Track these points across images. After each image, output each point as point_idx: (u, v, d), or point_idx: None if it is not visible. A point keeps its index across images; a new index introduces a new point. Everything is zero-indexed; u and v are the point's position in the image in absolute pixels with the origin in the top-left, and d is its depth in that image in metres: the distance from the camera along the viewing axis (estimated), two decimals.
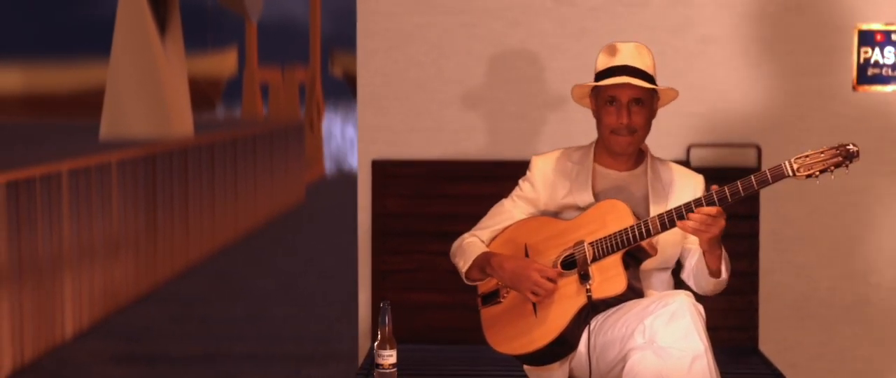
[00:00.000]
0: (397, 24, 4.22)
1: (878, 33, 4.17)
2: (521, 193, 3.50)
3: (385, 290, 4.18)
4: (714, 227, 3.17)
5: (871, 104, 4.20)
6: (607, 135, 3.36)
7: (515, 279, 3.33)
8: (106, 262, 7.46)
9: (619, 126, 3.33)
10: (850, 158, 3.16)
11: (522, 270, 3.32)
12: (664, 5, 4.18)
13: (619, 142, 3.36)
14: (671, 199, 3.39)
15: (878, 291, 4.24)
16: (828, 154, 3.16)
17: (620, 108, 3.32)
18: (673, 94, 3.40)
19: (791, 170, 3.15)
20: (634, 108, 3.34)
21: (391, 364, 3.34)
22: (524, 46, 4.20)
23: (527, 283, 3.30)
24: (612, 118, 3.34)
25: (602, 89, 3.35)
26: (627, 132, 3.34)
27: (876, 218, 4.22)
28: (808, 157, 3.16)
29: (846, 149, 3.15)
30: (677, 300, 3.15)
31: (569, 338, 3.33)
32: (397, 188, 4.20)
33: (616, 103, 3.33)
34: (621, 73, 3.32)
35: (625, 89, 3.32)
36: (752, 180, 3.18)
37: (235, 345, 6.70)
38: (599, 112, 3.38)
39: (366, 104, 4.25)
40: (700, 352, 3.12)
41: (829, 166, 3.16)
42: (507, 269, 3.35)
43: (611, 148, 3.38)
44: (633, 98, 3.33)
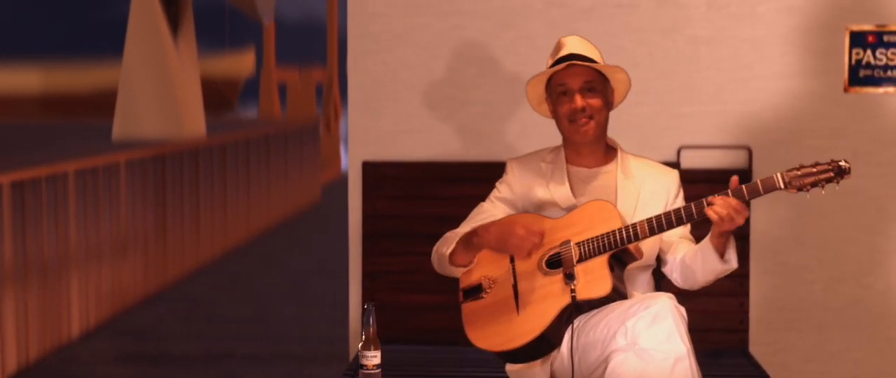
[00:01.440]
0: (388, 26, 4.22)
1: (869, 35, 4.15)
2: (498, 195, 3.51)
3: (375, 291, 4.19)
4: (738, 218, 3.15)
5: (863, 105, 4.18)
6: (567, 126, 3.38)
7: (501, 238, 3.30)
8: (114, 261, 7.50)
9: (575, 111, 3.34)
10: (841, 174, 3.17)
11: (507, 227, 3.29)
12: (654, 6, 4.17)
13: (579, 129, 3.36)
14: (642, 196, 3.40)
15: (870, 293, 4.22)
16: (819, 169, 3.17)
17: (573, 95, 3.33)
18: (623, 77, 3.40)
19: (782, 183, 3.16)
20: (587, 93, 3.34)
21: (375, 365, 3.35)
22: (515, 48, 4.21)
23: (513, 239, 3.26)
24: (566, 107, 3.35)
25: (554, 83, 3.38)
26: (585, 117, 3.34)
27: (868, 219, 4.20)
28: (799, 171, 3.17)
29: (838, 165, 3.16)
30: (659, 302, 3.15)
31: (550, 337, 3.33)
32: (388, 189, 4.22)
33: (568, 92, 3.33)
34: (565, 62, 3.35)
35: (573, 75, 3.34)
36: (744, 191, 3.18)
37: (240, 345, 6.73)
38: (555, 107, 3.40)
39: (356, 105, 4.26)
40: (682, 354, 3.12)
41: (820, 181, 3.16)
42: (492, 232, 3.32)
43: (572, 138, 3.39)
44: (584, 83, 3.35)
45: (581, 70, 3.35)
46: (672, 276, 3.40)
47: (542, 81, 3.43)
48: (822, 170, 3.16)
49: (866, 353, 4.24)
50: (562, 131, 3.43)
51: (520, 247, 3.27)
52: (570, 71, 3.35)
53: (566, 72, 3.36)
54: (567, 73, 3.35)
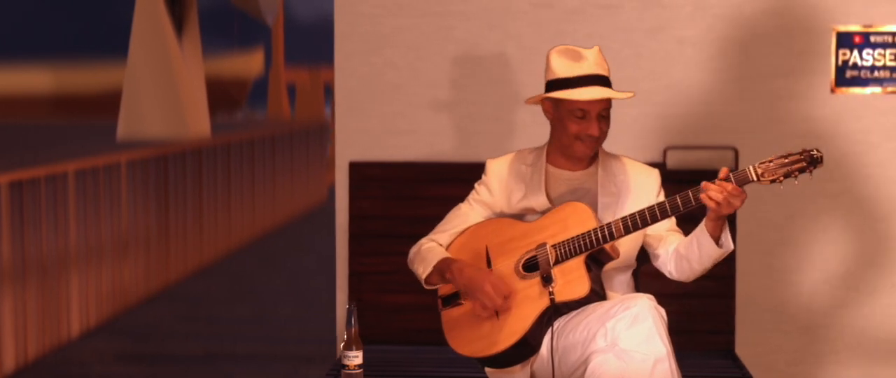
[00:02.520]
0: (374, 27, 4.23)
1: (856, 35, 4.14)
2: (477, 197, 3.51)
3: (362, 292, 4.20)
4: (737, 201, 3.12)
5: (850, 106, 4.17)
6: (571, 142, 3.34)
7: (470, 288, 3.33)
8: (115, 261, 7.53)
9: (588, 137, 3.32)
10: (813, 164, 3.14)
11: (478, 282, 3.31)
12: (640, 7, 4.17)
13: (585, 149, 3.35)
14: (624, 196, 3.39)
15: (856, 295, 4.21)
16: (791, 159, 3.14)
17: (591, 120, 3.31)
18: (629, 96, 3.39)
19: (755, 175, 3.14)
20: (602, 120, 3.33)
21: (357, 365, 3.35)
22: (500, 49, 4.21)
23: (479, 294, 3.31)
24: (580, 127, 3.32)
25: (570, 100, 3.31)
26: (594, 142, 3.34)
27: (855, 221, 4.19)
28: (771, 162, 3.15)
29: (810, 154, 3.14)
30: (639, 303, 3.15)
31: (531, 340, 3.33)
32: (374, 190, 4.22)
33: (586, 115, 3.31)
34: (590, 83, 3.29)
35: (597, 103, 3.30)
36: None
37: (238, 345, 6.75)
38: (564, 119, 3.35)
39: (343, 106, 4.27)
40: (662, 355, 3.11)
41: (793, 171, 3.14)
42: (466, 275, 3.35)
43: (573, 154, 3.37)
44: (603, 109, 3.33)
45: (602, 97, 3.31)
46: (666, 269, 3.38)
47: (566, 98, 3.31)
48: (794, 159, 3.13)
49: (852, 356, 4.23)
50: (560, 139, 3.38)
51: (484, 304, 3.30)
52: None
53: None
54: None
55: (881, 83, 4.15)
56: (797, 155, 3.14)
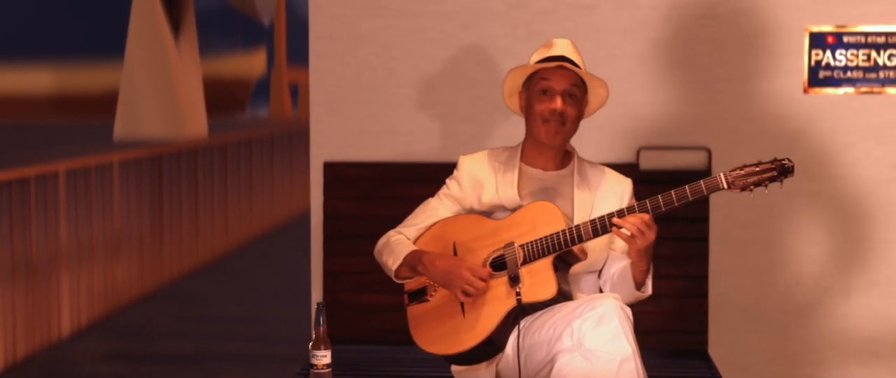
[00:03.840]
0: (349, 27, 4.24)
1: (828, 36, 4.14)
2: (448, 192, 3.51)
3: (336, 292, 4.22)
4: (648, 234, 3.16)
5: (823, 107, 4.17)
6: (538, 124, 3.35)
7: (447, 278, 3.32)
8: (107, 261, 7.56)
9: (552, 113, 3.32)
10: (785, 174, 3.16)
11: (455, 269, 3.31)
12: (614, 7, 4.17)
13: (549, 131, 3.34)
14: (597, 202, 3.39)
15: (830, 295, 4.21)
16: (762, 168, 3.16)
17: (554, 96, 3.32)
18: (603, 93, 3.39)
19: (726, 183, 3.16)
20: (568, 98, 3.33)
21: (325, 364, 3.36)
22: (475, 49, 4.22)
23: (459, 281, 3.29)
24: (544, 106, 3.33)
25: (535, 80, 3.35)
26: (559, 121, 3.33)
27: (828, 221, 4.19)
28: (742, 170, 3.16)
29: (781, 164, 3.15)
30: (605, 303, 3.15)
31: (497, 340, 3.34)
32: (348, 190, 4.23)
33: (550, 91, 3.32)
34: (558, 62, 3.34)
35: (560, 77, 3.32)
36: (687, 191, 3.18)
37: (229, 344, 6.77)
38: (531, 101, 3.36)
39: (318, 106, 4.28)
40: (628, 355, 3.11)
41: (764, 181, 3.15)
42: (440, 267, 3.34)
43: (539, 138, 3.36)
44: (569, 86, 3.33)
45: (568, 73, 3.33)
46: (604, 289, 3.41)
47: (524, 73, 3.40)
48: (765, 169, 3.15)
49: (826, 356, 4.23)
50: (530, 128, 3.40)
51: (466, 291, 3.29)
52: (558, 71, 3.34)
53: (553, 70, 3.34)
54: (554, 72, 3.33)
55: (854, 83, 4.15)
56: (768, 164, 3.15)
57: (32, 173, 6.53)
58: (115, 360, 6.41)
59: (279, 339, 6.88)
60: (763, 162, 3.15)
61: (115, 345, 6.78)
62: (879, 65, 4.14)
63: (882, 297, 4.20)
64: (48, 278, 6.69)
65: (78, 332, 7.03)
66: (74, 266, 7.06)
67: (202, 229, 9.59)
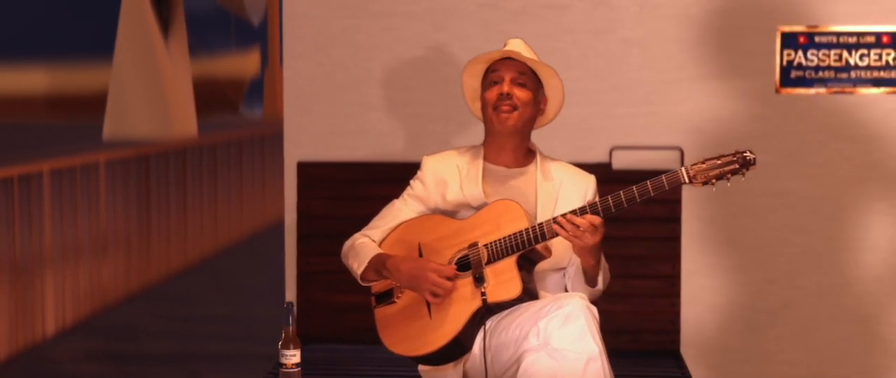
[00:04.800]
0: (323, 27, 4.25)
1: (800, 36, 4.14)
2: (412, 193, 3.52)
3: (310, 291, 4.23)
4: (587, 236, 3.16)
5: (795, 106, 4.17)
6: (491, 114, 3.37)
7: (413, 280, 3.33)
8: (93, 261, 7.56)
9: (501, 97, 3.34)
10: (746, 166, 3.15)
11: (420, 271, 3.32)
12: (586, 8, 4.18)
13: (501, 117, 3.35)
14: (560, 199, 3.40)
15: (802, 295, 4.22)
16: (723, 161, 3.15)
17: (502, 85, 3.34)
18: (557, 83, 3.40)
19: (687, 177, 3.16)
20: (516, 84, 3.35)
21: (295, 364, 3.37)
22: (448, 49, 4.22)
23: (425, 283, 3.30)
24: (493, 92, 3.36)
25: (488, 75, 3.39)
26: (509, 105, 3.34)
27: (800, 220, 4.20)
28: (703, 164, 3.16)
29: (743, 156, 3.15)
30: (571, 302, 3.15)
31: (463, 340, 3.34)
32: (322, 190, 4.24)
33: (499, 80, 3.36)
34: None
35: (507, 66, 3.35)
36: (649, 186, 3.18)
37: (212, 344, 6.78)
38: (485, 95, 3.40)
39: (292, 106, 4.29)
40: (595, 354, 3.12)
41: (726, 174, 3.15)
42: (404, 270, 3.35)
43: (493, 127, 3.38)
44: (517, 74, 3.36)
45: (515, 62, 3.36)
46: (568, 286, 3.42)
47: (478, 73, 3.44)
48: (726, 161, 3.15)
49: (799, 355, 4.24)
50: (486, 121, 3.42)
51: (432, 291, 3.29)
52: (505, 61, 3.37)
53: (501, 61, 3.38)
54: (502, 62, 3.38)
55: (825, 83, 4.16)
56: (729, 156, 3.15)
57: (16, 173, 6.54)
58: (98, 359, 6.42)
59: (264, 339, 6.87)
60: (724, 155, 3.14)
61: (100, 344, 6.79)
62: (851, 65, 4.14)
63: (854, 296, 4.20)
64: (32, 278, 6.70)
65: (62, 332, 7.03)
66: (59, 266, 7.06)
67: (191, 229, 9.60)
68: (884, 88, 4.15)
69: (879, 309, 4.20)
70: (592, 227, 3.16)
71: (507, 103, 3.35)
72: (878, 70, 4.14)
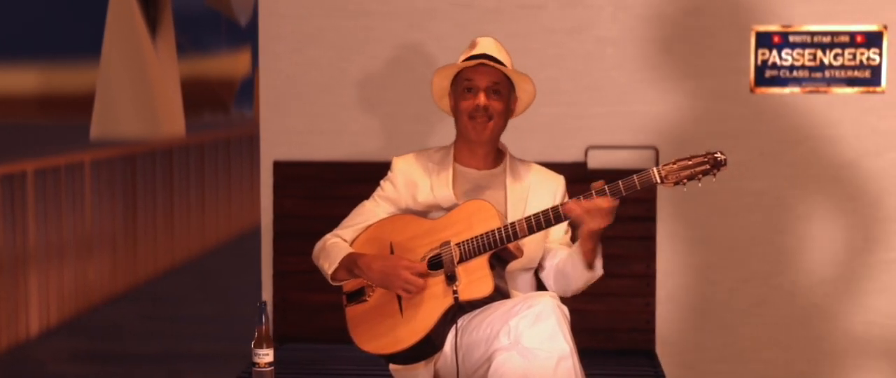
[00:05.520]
0: (299, 27, 4.26)
1: (775, 35, 4.15)
2: (382, 194, 3.52)
3: (285, 290, 4.23)
4: (605, 217, 3.14)
5: (769, 106, 4.18)
6: (465, 122, 3.37)
7: (385, 278, 3.33)
8: (78, 261, 7.56)
9: (477, 109, 3.33)
10: (717, 166, 3.15)
11: (392, 269, 3.32)
12: (561, 7, 4.18)
13: (477, 127, 3.35)
14: (530, 200, 3.40)
15: (777, 293, 4.22)
16: (694, 162, 3.15)
17: (477, 93, 3.34)
18: (530, 87, 3.40)
19: (659, 177, 3.16)
20: (492, 94, 3.35)
21: (267, 363, 3.37)
22: (423, 49, 4.23)
23: (397, 281, 3.30)
24: (469, 103, 3.35)
25: (460, 78, 3.37)
26: (485, 117, 3.34)
27: (774, 219, 4.21)
28: (675, 164, 3.16)
29: (714, 157, 3.15)
30: (542, 301, 3.15)
31: (434, 338, 3.34)
32: (298, 189, 4.25)
33: (474, 89, 3.34)
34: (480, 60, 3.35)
35: (482, 74, 3.34)
36: (621, 186, 3.18)
37: (196, 344, 6.78)
38: (457, 100, 3.39)
39: (268, 105, 4.29)
40: (566, 353, 3.12)
41: (697, 174, 3.15)
42: (376, 268, 3.35)
43: (467, 135, 3.38)
44: (492, 83, 3.34)
45: (490, 70, 3.35)
46: (547, 283, 3.41)
47: (449, 75, 3.42)
48: (697, 162, 3.14)
49: (773, 354, 4.24)
50: (458, 127, 3.42)
51: (404, 288, 3.29)
52: (480, 69, 3.35)
53: (476, 69, 3.36)
54: (476, 70, 3.36)
55: (800, 83, 4.16)
56: (701, 157, 3.15)
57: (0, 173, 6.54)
58: (81, 359, 6.42)
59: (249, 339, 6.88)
60: (696, 155, 3.14)
61: (84, 344, 6.78)
62: (825, 64, 4.15)
63: (828, 295, 4.21)
64: (16, 278, 6.70)
65: (47, 332, 7.03)
66: (43, 266, 7.06)
67: (178, 229, 9.60)
68: (857, 88, 4.16)
69: (852, 307, 4.21)
70: (607, 208, 3.14)
71: (484, 115, 3.35)
72: (852, 69, 4.14)
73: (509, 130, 3.46)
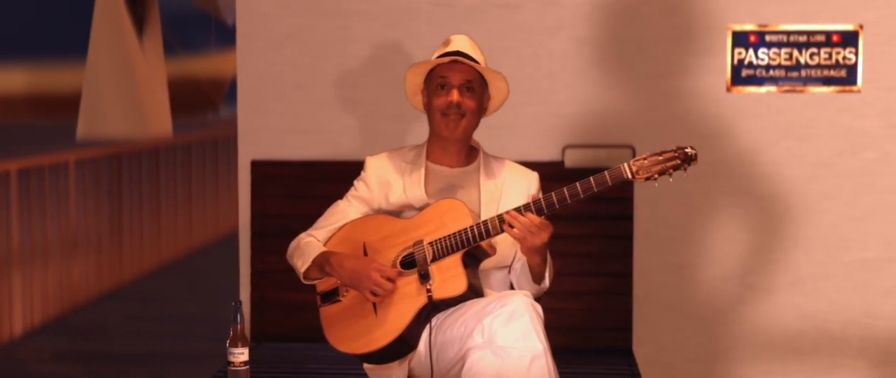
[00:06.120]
0: (276, 26, 4.26)
1: (751, 34, 4.16)
2: (356, 193, 3.52)
3: (264, 289, 4.23)
4: (538, 235, 3.17)
5: (746, 105, 4.19)
6: (438, 120, 3.37)
7: (355, 279, 3.34)
8: (62, 260, 7.55)
9: (450, 106, 3.34)
10: (688, 161, 3.16)
11: (362, 270, 3.32)
12: (539, 6, 4.19)
13: (449, 125, 3.36)
14: (504, 197, 3.41)
15: (754, 292, 4.23)
16: (665, 157, 3.16)
17: (451, 90, 3.34)
18: (503, 86, 3.40)
19: (630, 172, 3.16)
20: (465, 92, 3.35)
21: (242, 362, 3.37)
22: (401, 48, 4.23)
23: (367, 282, 3.31)
24: (442, 100, 3.35)
25: (434, 76, 3.38)
26: (458, 114, 3.35)
27: (751, 218, 4.22)
28: (646, 159, 3.16)
29: (684, 152, 3.16)
30: (516, 300, 3.16)
31: (409, 337, 3.35)
32: (276, 188, 4.25)
33: (447, 86, 3.34)
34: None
35: (456, 72, 3.34)
36: (592, 182, 3.18)
37: (179, 343, 6.78)
38: (430, 98, 3.39)
39: (246, 105, 4.30)
40: (539, 352, 3.12)
41: (668, 169, 3.16)
42: (347, 268, 3.36)
43: (440, 132, 3.39)
44: (465, 81, 3.35)
45: (464, 68, 3.36)
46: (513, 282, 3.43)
47: (422, 72, 3.43)
48: (668, 157, 3.15)
49: (750, 353, 4.25)
50: (431, 124, 3.43)
51: (372, 291, 3.30)
52: (454, 66, 3.36)
53: (449, 66, 3.36)
54: (450, 67, 3.36)
55: (776, 82, 4.17)
56: (671, 152, 3.16)
57: None
58: (64, 359, 6.41)
59: None
60: (666, 150, 3.15)
61: (67, 344, 6.78)
62: (801, 63, 4.16)
63: (804, 294, 4.22)
64: None
65: (30, 331, 7.02)
66: (27, 265, 7.06)
67: (165, 229, 9.59)
68: (833, 87, 4.17)
69: (829, 306, 4.23)
70: (537, 227, 3.16)
71: (456, 112, 3.35)
72: (829, 69, 4.16)
73: (486, 129, 3.46)
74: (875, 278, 4.21)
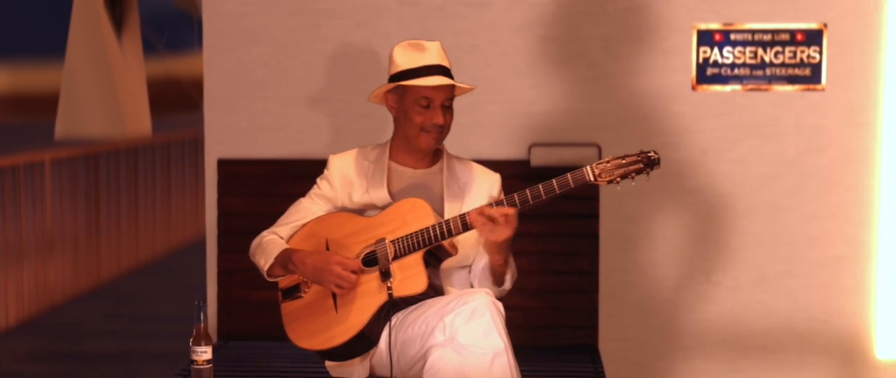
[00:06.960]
0: (243, 25, 4.26)
1: (716, 33, 4.17)
2: (319, 192, 3.52)
3: (230, 289, 4.23)
4: (503, 229, 3.18)
5: (711, 103, 4.20)
6: (417, 133, 3.37)
7: (318, 274, 3.34)
8: (38, 260, 7.53)
9: (434, 126, 3.35)
10: (650, 165, 3.19)
11: (325, 264, 3.33)
12: (505, 5, 4.20)
13: (430, 140, 3.37)
14: (467, 198, 3.42)
15: (719, 290, 4.25)
16: (628, 161, 3.19)
17: (435, 109, 3.34)
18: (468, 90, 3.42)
19: (592, 175, 3.18)
20: (446, 110, 3.37)
21: (206, 360, 3.38)
22: (368, 47, 4.23)
23: (330, 276, 3.31)
24: (425, 118, 3.35)
25: (414, 89, 3.35)
26: (440, 131, 3.37)
27: (717, 217, 4.23)
28: (608, 162, 3.18)
29: (647, 156, 3.18)
30: (477, 298, 3.17)
31: (369, 334, 3.36)
32: (242, 187, 4.24)
33: (431, 105, 3.34)
34: (434, 73, 3.34)
35: (439, 91, 3.34)
36: (554, 184, 3.20)
37: (154, 343, 6.77)
38: (408, 110, 3.38)
39: (212, 104, 4.30)
40: (500, 349, 3.14)
41: (630, 173, 3.18)
42: (309, 264, 3.36)
43: (418, 146, 3.39)
44: (447, 99, 3.36)
45: (447, 87, 3.35)
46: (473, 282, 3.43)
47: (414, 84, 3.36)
48: (631, 161, 3.18)
49: (715, 350, 4.27)
50: (405, 132, 3.40)
51: (336, 284, 3.30)
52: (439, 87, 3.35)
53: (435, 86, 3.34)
54: (436, 87, 3.34)
55: (741, 80, 4.19)
56: (634, 156, 3.19)
57: None
58: (38, 358, 6.40)
59: None
60: (629, 154, 3.18)
61: (41, 344, 6.76)
62: (766, 62, 4.17)
63: (769, 291, 4.24)
64: None
65: (5, 331, 7.00)
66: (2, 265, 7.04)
67: (143, 229, 9.58)
68: (798, 85, 4.18)
69: (793, 304, 4.24)
70: (505, 219, 3.17)
71: (439, 131, 3.37)
72: (793, 67, 4.17)
73: (453, 127, 3.46)
74: (839, 276, 4.23)
